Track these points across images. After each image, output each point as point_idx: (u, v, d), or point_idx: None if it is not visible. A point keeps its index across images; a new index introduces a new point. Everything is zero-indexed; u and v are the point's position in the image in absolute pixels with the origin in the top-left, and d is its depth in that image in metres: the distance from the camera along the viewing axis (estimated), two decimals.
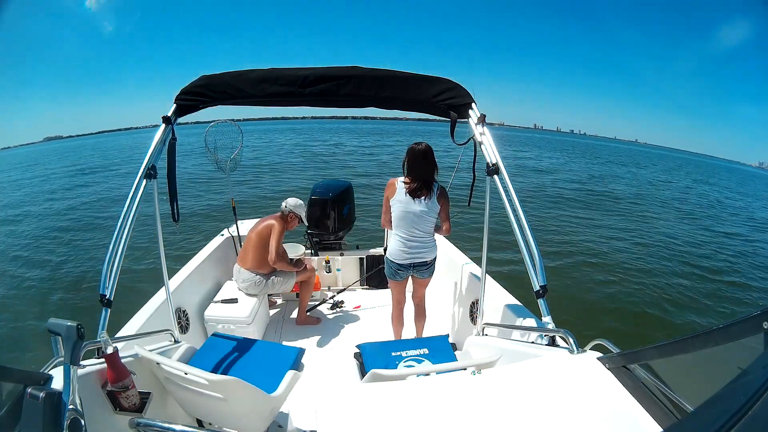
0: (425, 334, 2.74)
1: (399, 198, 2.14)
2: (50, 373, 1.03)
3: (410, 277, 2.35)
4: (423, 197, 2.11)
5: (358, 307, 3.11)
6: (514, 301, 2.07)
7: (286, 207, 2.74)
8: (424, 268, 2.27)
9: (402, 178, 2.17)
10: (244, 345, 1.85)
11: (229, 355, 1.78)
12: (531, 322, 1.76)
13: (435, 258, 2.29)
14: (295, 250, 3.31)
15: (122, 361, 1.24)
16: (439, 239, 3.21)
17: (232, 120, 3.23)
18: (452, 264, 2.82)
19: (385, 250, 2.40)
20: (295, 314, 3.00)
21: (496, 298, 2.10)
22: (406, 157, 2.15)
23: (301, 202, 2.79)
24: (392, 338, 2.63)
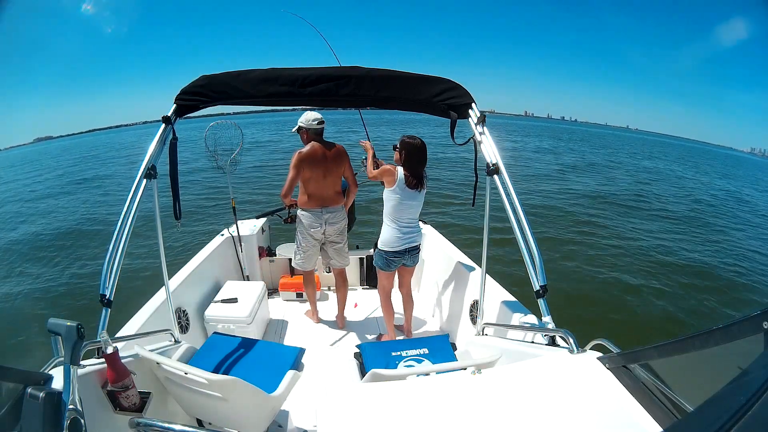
0: (423, 331, 2.75)
1: (400, 188, 2.25)
2: (50, 373, 1.03)
3: (398, 268, 2.47)
4: (420, 189, 2.29)
5: (358, 306, 3.11)
6: (514, 300, 2.07)
7: (319, 123, 2.45)
8: (416, 252, 2.45)
9: (401, 169, 2.26)
10: (244, 345, 1.85)
11: (229, 354, 1.78)
12: (531, 321, 1.77)
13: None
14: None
15: (122, 361, 1.24)
16: (439, 238, 3.22)
17: (234, 115, 3.22)
18: (452, 264, 2.82)
19: (375, 245, 2.43)
20: (295, 314, 3.00)
21: (496, 298, 2.10)
22: (403, 150, 2.25)
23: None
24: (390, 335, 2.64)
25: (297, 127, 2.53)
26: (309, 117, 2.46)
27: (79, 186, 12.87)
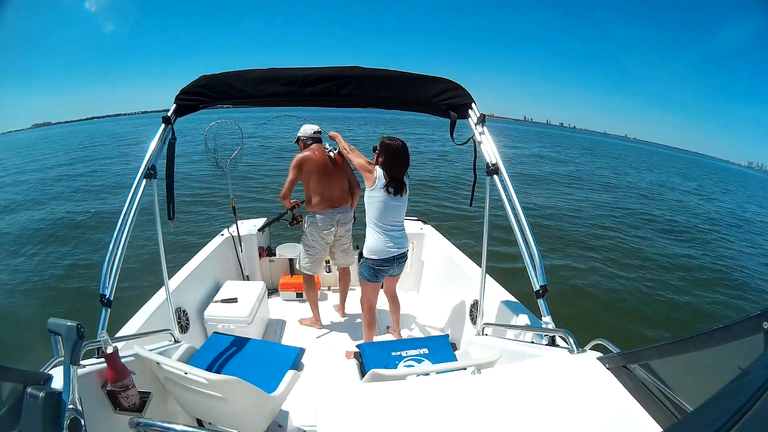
0: (423, 331, 2.75)
1: (379, 191, 2.13)
2: (50, 372, 1.03)
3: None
4: (402, 194, 2.18)
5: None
6: (514, 300, 2.07)
7: (316, 133, 2.61)
8: (403, 260, 2.31)
9: (379, 171, 2.14)
10: (244, 345, 1.85)
11: (229, 354, 1.78)
12: (531, 321, 1.76)
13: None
14: (295, 250, 3.31)
15: (122, 360, 1.24)
16: (439, 238, 3.22)
17: (232, 120, 3.23)
18: (452, 264, 2.82)
19: (360, 255, 2.33)
20: (295, 314, 3.00)
21: (496, 298, 2.10)
22: (383, 153, 2.14)
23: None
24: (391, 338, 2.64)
25: (296, 138, 2.68)
26: (308, 129, 2.63)
27: (76, 180, 12.80)
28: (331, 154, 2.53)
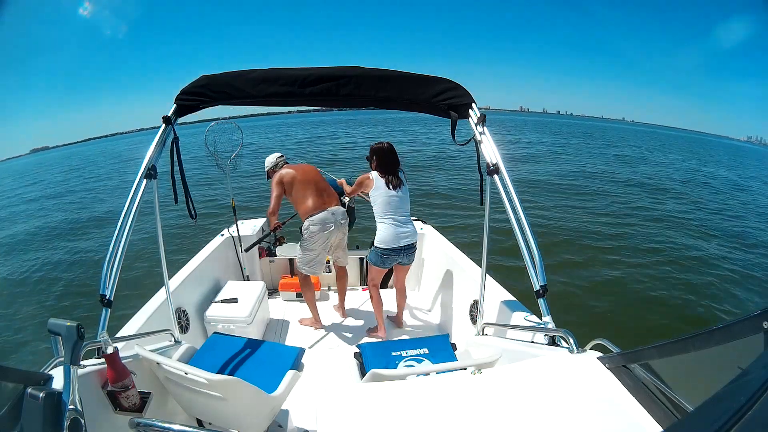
0: (423, 331, 2.75)
1: (380, 189, 2.40)
2: (50, 373, 1.03)
3: (393, 266, 2.58)
4: (399, 188, 2.43)
5: (359, 306, 3.11)
6: (514, 300, 2.07)
7: (280, 158, 2.82)
8: (412, 251, 2.51)
9: (374, 173, 2.43)
10: (244, 345, 1.85)
11: (229, 354, 1.78)
12: (531, 321, 1.76)
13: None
14: (294, 250, 3.30)
15: (122, 361, 1.25)
16: (439, 238, 3.22)
17: (232, 119, 3.23)
18: (452, 264, 2.82)
19: (371, 244, 2.53)
20: (295, 314, 3.00)
21: (496, 297, 2.10)
22: (374, 156, 2.45)
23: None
24: (392, 336, 2.64)
25: (266, 173, 2.81)
26: (271, 159, 2.82)
27: (76, 188, 12.83)
28: (351, 205, 2.90)
